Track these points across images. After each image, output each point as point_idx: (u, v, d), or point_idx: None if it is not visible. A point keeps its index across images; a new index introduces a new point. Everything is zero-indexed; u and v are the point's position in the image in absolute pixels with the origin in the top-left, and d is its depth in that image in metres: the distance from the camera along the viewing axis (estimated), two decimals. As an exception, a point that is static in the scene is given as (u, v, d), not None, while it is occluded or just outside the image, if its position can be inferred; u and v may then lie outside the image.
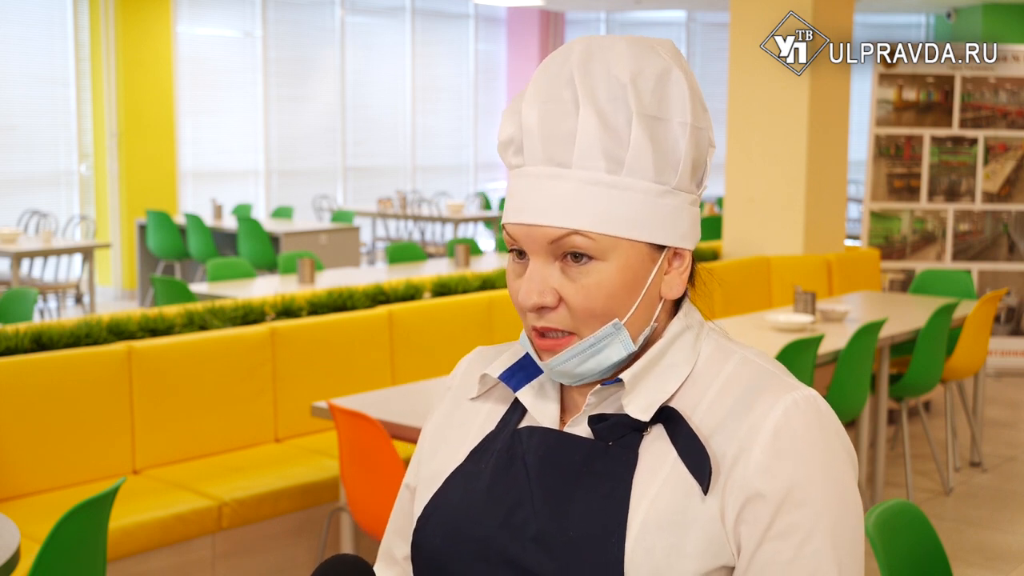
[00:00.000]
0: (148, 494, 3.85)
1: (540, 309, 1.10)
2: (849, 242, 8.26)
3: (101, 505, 2.57)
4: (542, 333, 1.12)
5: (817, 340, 4.26)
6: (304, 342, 4.56)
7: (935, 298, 6.01)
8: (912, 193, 7.71)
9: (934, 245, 7.74)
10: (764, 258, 6.81)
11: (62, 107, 10.71)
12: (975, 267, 7.72)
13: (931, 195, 7.71)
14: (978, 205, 7.72)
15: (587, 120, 1.08)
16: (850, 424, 5.19)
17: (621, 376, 1.11)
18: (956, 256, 7.74)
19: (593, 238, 1.08)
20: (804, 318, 4.96)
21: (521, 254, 1.12)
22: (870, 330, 4.53)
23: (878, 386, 5.09)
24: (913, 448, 5.84)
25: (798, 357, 4.14)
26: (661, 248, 1.11)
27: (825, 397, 4.79)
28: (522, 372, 1.20)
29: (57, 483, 3.89)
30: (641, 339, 1.12)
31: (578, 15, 15.49)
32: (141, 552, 3.65)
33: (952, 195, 7.72)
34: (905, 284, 7.63)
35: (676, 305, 1.18)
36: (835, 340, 4.68)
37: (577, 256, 1.09)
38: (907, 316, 5.38)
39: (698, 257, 6.19)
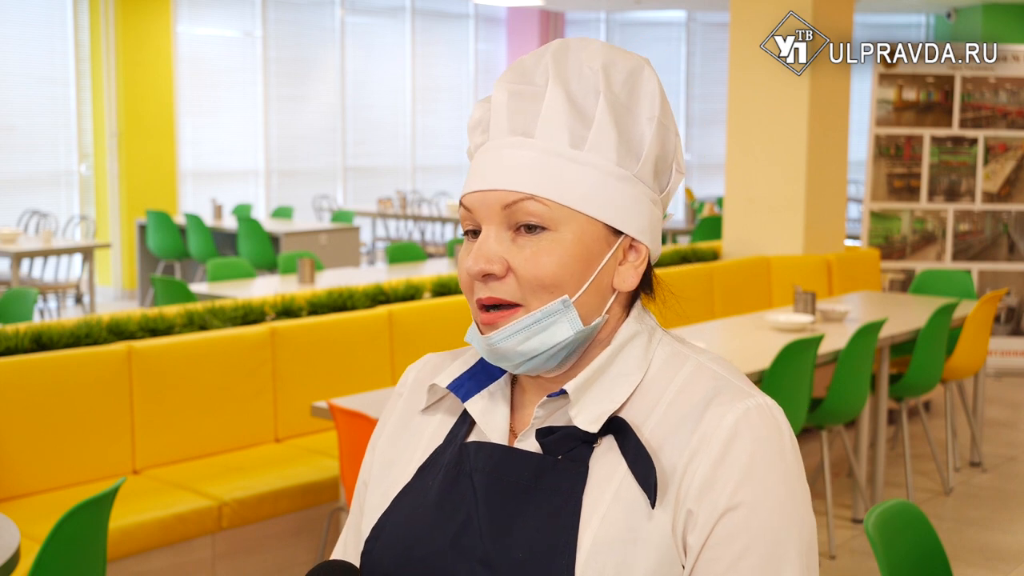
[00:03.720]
0: (148, 494, 3.85)
1: (486, 277, 1.07)
2: (849, 242, 8.26)
3: (101, 505, 2.58)
4: (486, 307, 1.08)
5: (817, 340, 4.26)
6: (304, 342, 4.56)
7: (935, 298, 6.01)
8: (912, 193, 7.71)
9: (934, 245, 7.74)
10: (764, 258, 6.81)
11: (62, 107, 10.71)
12: (975, 267, 7.72)
13: (931, 195, 7.71)
14: (978, 205, 7.72)
15: (554, 96, 1.08)
16: (850, 424, 5.19)
17: (565, 387, 1.07)
18: (956, 256, 7.74)
19: (547, 205, 1.06)
20: (804, 318, 4.96)
21: (475, 234, 1.10)
22: (870, 330, 4.53)
23: (878, 386, 5.09)
24: (913, 448, 5.84)
25: (798, 357, 4.14)
26: (617, 234, 1.09)
27: (825, 397, 4.78)
28: (472, 381, 1.16)
29: (57, 483, 3.89)
30: (592, 326, 1.08)
31: (578, 15, 15.49)
32: (141, 552, 3.65)
33: (952, 195, 7.72)
34: (905, 284, 7.63)
35: (628, 311, 1.14)
36: (835, 340, 4.68)
37: (531, 228, 1.06)
38: (907, 316, 5.38)
39: (698, 257, 6.16)
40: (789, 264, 6.75)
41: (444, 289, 5.48)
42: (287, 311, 4.77)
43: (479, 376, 1.16)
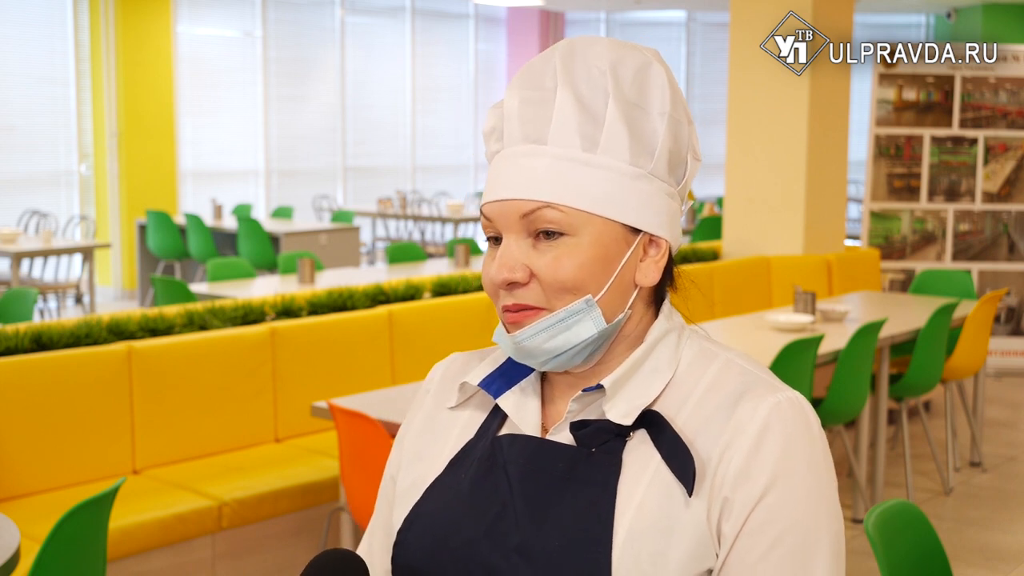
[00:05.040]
0: (148, 494, 3.85)
1: (511, 285, 1.10)
2: (849, 242, 8.26)
3: (101, 505, 2.58)
4: (512, 310, 1.11)
5: (817, 340, 4.26)
6: (304, 342, 4.56)
7: (935, 298, 6.01)
8: (912, 193, 7.71)
9: (934, 245, 7.74)
10: (764, 258, 6.81)
11: (62, 107, 10.71)
12: (975, 267, 7.72)
13: (931, 195, 7.71)
14: (978, 205, 7.72)
15: (564, 100, 1.10)
16: (850, 424, 5.19)
17: (602, 382, 1.10)
18: (956, 256, 7.74)
19: (564, 211, 1.08)
20: (804, 318, 4.96)
21: (497, 241, 1.12)
22: (870, 330, 4.53)
23: (878, 386, 5.09)
24: (913, 448, 5.84)
25: (798, 357, 4.14)
26: (636, 232, 1.11)
27: (825, 397, 4.78)
28: (502, 379, 1.18)
29: (57, 483, 3.89)
30: (615, 323, 1.11)
31: (578, 15, 15.49)
32: (141, 552, 3.65)
33: (952, 195, 7.72)
34: (905, 284, 7.63)
35: (657, 307, 1.16)
36: (835, 340, 4.68)
37: (549, 234, 1.08)
38: (907, 316, 5.38)
39: (698, 257, 6.15)
40: (789, 264, 6.75)
41: (444, 289, 5.48)
42: (287, 311, 4.77)
43: (509, 373, 1.18)
